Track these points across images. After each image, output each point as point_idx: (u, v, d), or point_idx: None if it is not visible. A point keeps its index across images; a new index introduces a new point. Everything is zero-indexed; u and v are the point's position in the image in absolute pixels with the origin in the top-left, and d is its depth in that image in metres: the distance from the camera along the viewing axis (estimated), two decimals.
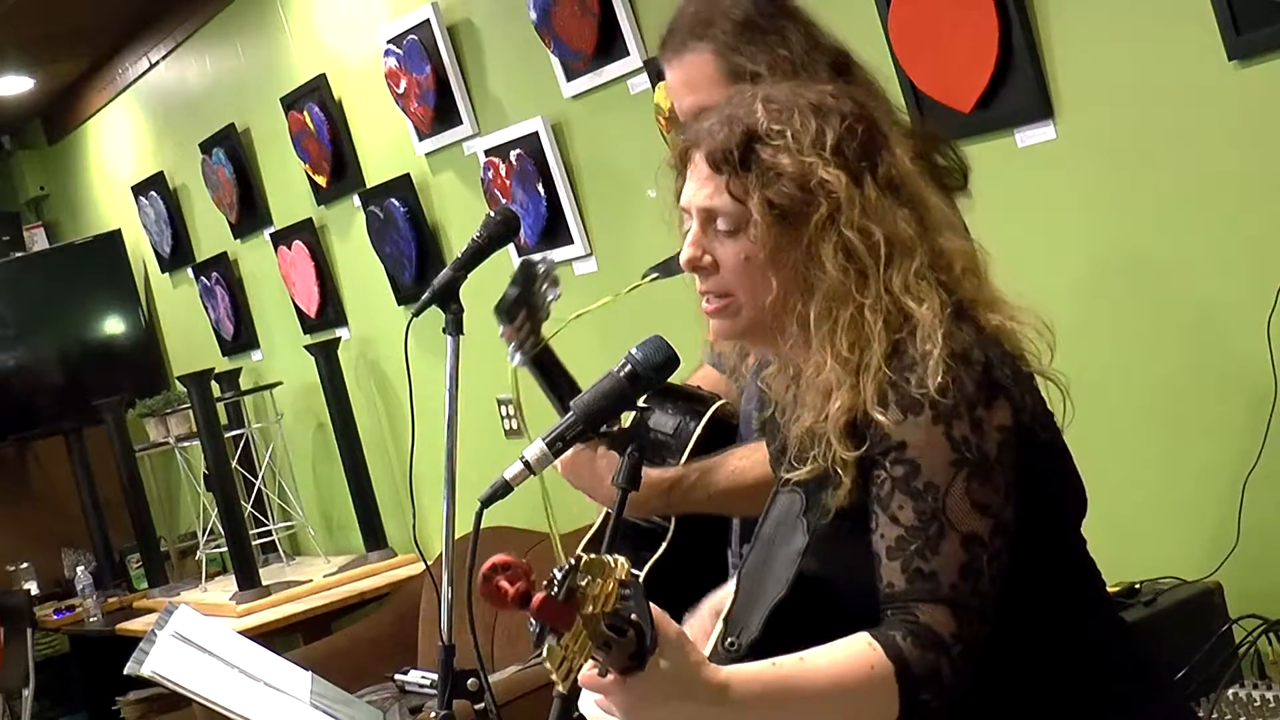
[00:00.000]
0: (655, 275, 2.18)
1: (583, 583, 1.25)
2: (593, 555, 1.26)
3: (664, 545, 2.06)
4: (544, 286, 2.10)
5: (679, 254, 1.70)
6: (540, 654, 1.28)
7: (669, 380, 1.83)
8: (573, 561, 1.26)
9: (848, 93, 1.57)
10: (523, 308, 2.10)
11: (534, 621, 1.26)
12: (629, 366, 1.74)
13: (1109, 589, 1.82)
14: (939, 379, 1.45)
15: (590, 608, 1.25)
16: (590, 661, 1.31)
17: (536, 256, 2.01)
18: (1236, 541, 2.33)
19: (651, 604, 1.31)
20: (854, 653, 1.41)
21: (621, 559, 1.28)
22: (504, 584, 1.26)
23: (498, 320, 2.02)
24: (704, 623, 1.72)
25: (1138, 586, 2.35)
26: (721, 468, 1.99)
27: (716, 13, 2.06)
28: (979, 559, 1.43)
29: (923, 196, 1.55)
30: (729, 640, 1.58)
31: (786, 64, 2.01)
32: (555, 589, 1.24)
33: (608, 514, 2.10)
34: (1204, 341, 2.40)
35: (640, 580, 1.29)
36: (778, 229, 1.51)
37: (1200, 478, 2.44)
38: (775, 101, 1.54)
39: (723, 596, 1.71)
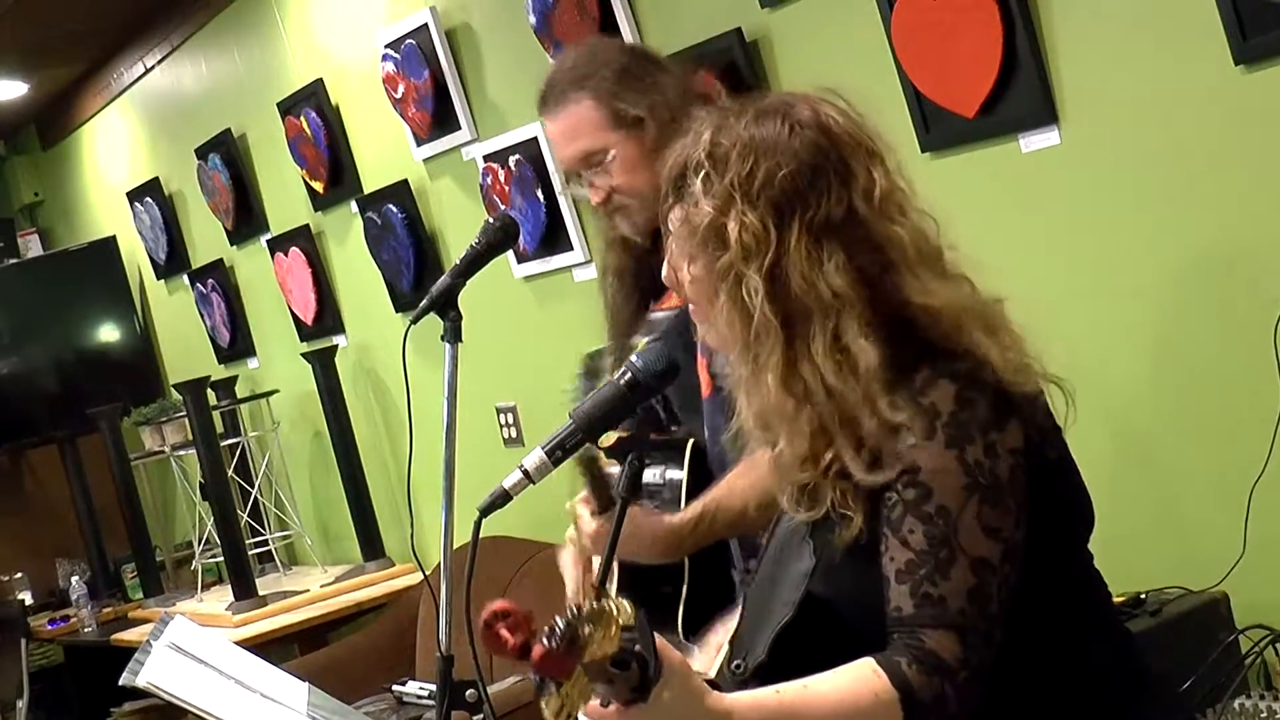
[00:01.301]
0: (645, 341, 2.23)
1: (584, 631, 1.24)
2: (594, 604, 1.25)
3: (685, 581, 2.08)
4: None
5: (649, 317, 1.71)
6: (541, 704, 1.27)
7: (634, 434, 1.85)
8: (574, 611, 1.24)
9: (817, 123, 1.52)
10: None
11: (534, 674, 1.25)
12: (629, 374, 1.74)
13: (1115, 598, 1.81)
14: (951, 400, 1.43)
15: (591, 655, 1.24)
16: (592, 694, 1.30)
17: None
18: (1243, 551, 2.31)
19: (656, 634, 1.30)
20: (858, 679, 1.41)
21: (625, 603, 1.27)
22: (504, 633, 1.25)
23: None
24: (716, 647, 1.71)
25: (1143, 596, 2.34)
26: (733, 493, 2.02)
27: (594, 66, 2.20)
28: (988, 584, 1.43)
29: (888, 234, 1.50)
30: (735, 663, 1.57)
31: (664, 108, 2.13)
32: (557, 642, 1.23)
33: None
34: (1210, 348, 2.38)
35: (643, 614, 1.28)
36: (699, 262, 1.51)
37: (1206, 486, 2.43)
38: (720, 132, 1.52)
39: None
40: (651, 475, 2.15)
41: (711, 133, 1.52)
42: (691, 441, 2.17)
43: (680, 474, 2.16)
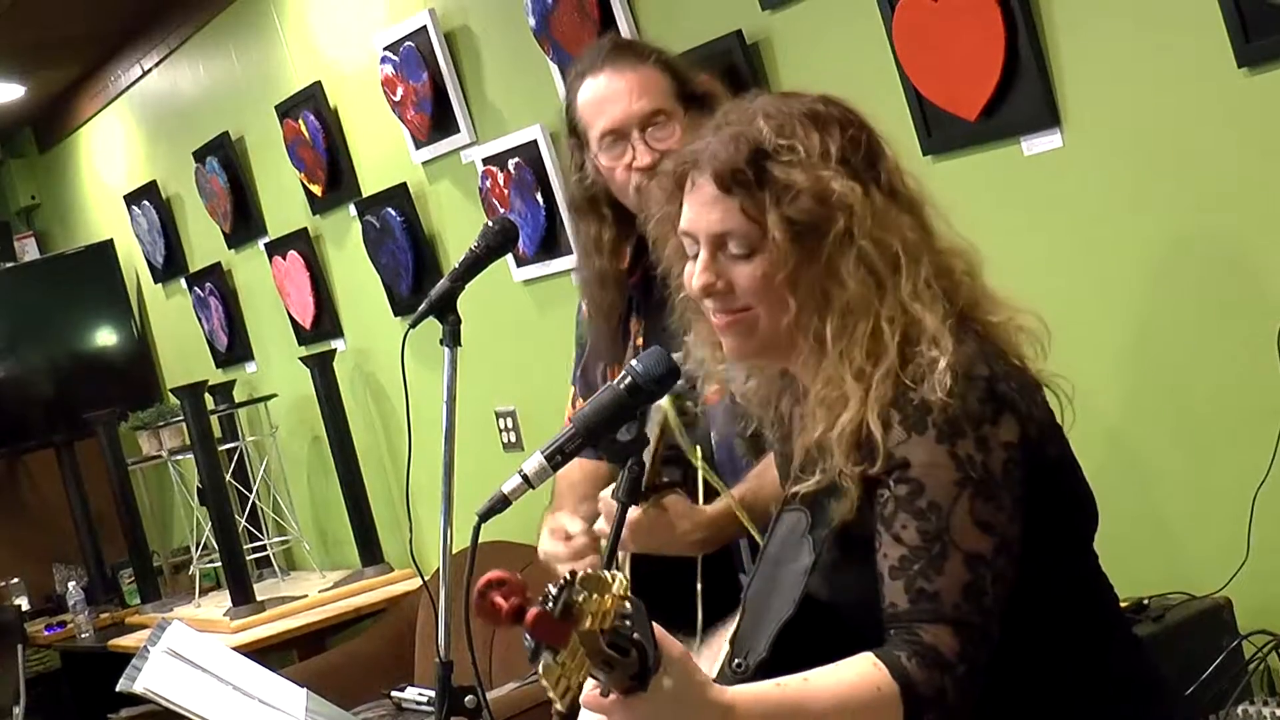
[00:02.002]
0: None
1: (579, 598, 1.23)
2: (589, 571, 1.25)
3: (699, 579, 2.05)
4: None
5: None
6: (537, 671, 1.26)
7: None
8: (568, 576, 1.24)
9: (835, 100, 1.56)
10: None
11: (529, 638, 1.24)
12: (629, 379, 1.74)
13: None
14: (944, 395, 1.43)
15: (587, 624, 1.23)
16: (592, 681, 1.30)
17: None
18: (1246, 556, 2.30)
19: (655, 624, 1.29)
20: (859, 673, 1.40)
21: (620, 574, 1.26)
22: (499, 599, 1.25)
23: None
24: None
25: (1146, 602, 2.33)
26: (765, 482, 1.97)
27: (656, 47, 2.19)
28: (983, 578, 1.42)
29: (918, 200, 1.54)
30: (736, 661, 1.57)
31: (724, 98, 2.06)
32: (551, 604, 1.23)
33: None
34: (1213, 352, 2.37)
35: (641, 602, 1.27)
36: (796, 246, 1.49)
37: (1209, 491, 2.41)
38: (774, 115, 1.52)
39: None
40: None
41: (764, 119, 1.52)
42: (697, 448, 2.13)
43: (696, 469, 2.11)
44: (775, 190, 1.49)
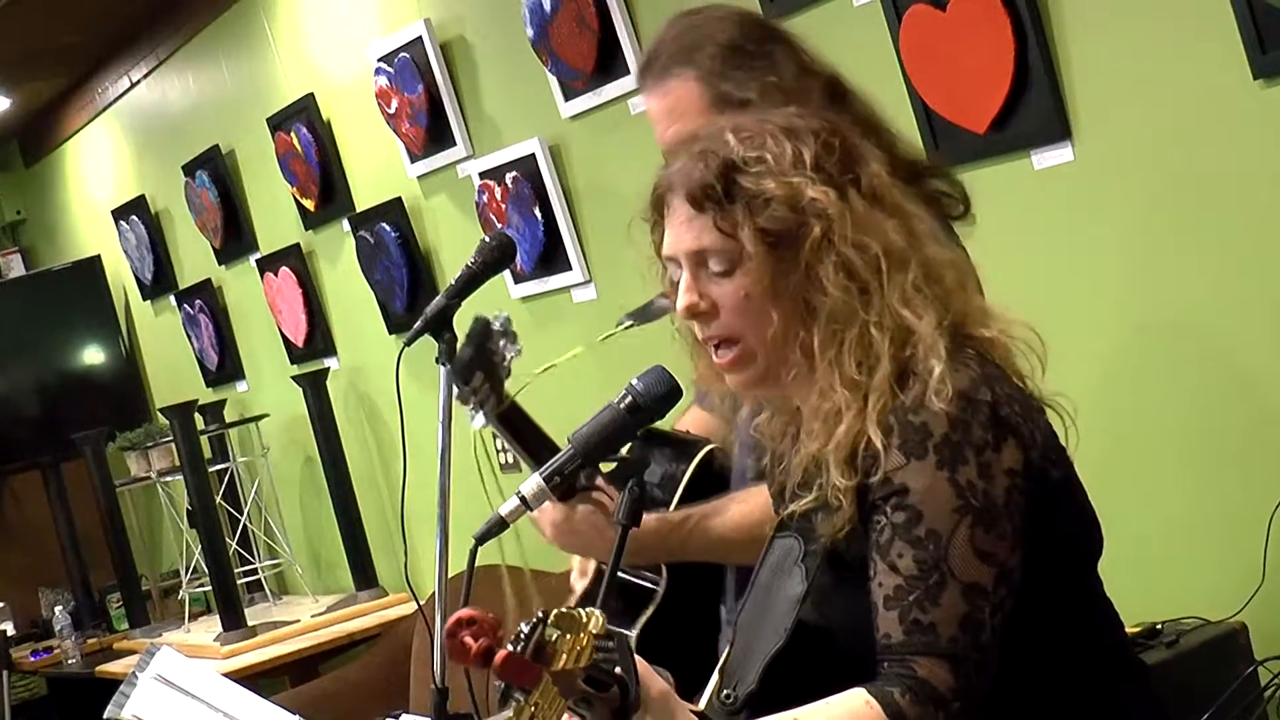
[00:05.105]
0: (630, 323, 2.12)
1: (551, 637, 1.21)
2: (562, 609, 1.23)
3: (656, 602, 1.99)
4: (501, 344, 2.04)
5: (654, 300, 1.64)
6: (508, 713, 1.23)
7: (656, 426, 1.78)
8: (540, 615, 1.22)
9: (814, 113, 1.56)
10: (479, 368, 2.03)
11: (498, 679, 1.22)
12: (629, 398, 1.73)
13: (1130, 629, 1.80)
14: (945, 419, 1.40)
15: (560, 664, 1.21)
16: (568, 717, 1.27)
17: (491, 314, 1.94)
18: (1262, 580, 2.28)
19: (638, 658, 1.28)
20: (850, 711, 1.38)
21: (595, 611, 1.24)
22: (468, 640, 1.23)
23: (454, 383, 1.95)
24: None
25: (1160, 627, 2.31)
26: (724, 512, 1.94)
27: (701, 38, 2.01)
28: (980, 610, 1.40)
29: (904, 207, 1.53)
30: (725, 693, 1.55)
31: (776, 91, 1.96)
32: (521, 645, 1.21)
33: (598, 568, 2.05)
34: (1229, 373, 2.35)
35: (624, 634, 1.24)
36: (773, 257, 1.48)
37: (1225, 515, 2.39)
38: (745, 129, 1.52)
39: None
40: (653, 471, 2.07)
41: (734, 133, 1.51)
42: (709, 447, 2.08)
43: (684, 470, 2.06)
44: (747, 201, 1.48)
